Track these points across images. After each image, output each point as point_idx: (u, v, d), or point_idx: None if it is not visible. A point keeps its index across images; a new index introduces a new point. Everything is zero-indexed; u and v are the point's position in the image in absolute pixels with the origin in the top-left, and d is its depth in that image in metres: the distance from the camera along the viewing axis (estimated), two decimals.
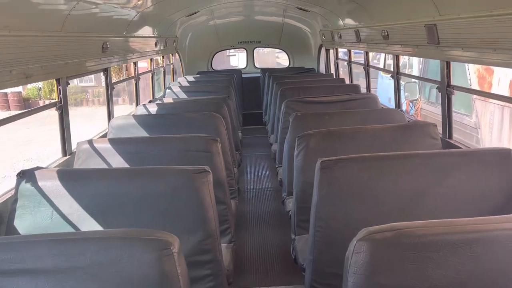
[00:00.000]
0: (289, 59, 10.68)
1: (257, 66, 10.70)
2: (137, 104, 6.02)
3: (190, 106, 5.23)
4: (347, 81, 7.40)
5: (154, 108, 5.13)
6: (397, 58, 4.86)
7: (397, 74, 4.92)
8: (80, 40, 3.71)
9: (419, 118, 8.59)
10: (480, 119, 6.98)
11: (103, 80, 4.93)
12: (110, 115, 4.85)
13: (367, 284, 1.65)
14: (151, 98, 7.34)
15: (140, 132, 4.29)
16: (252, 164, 7.58)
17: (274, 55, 20.82)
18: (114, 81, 5.85)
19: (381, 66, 10.91)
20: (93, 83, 23.63)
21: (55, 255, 1.65)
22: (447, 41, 3.40)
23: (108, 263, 1.64)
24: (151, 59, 7.11)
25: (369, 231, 1.70)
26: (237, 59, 17.70)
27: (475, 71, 7.10)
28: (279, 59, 21.06)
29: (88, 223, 2.55)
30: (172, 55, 9.12)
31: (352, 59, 7.34)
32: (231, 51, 13.91)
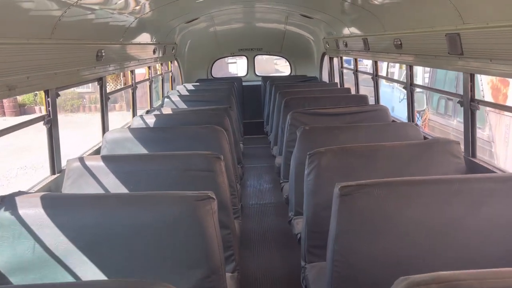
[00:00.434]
0: (290, 67, 10.46)
1: (257, 74, 10.46)
2: (134, 114, 5.70)
3: (190, 117, 4.95)
4: (353, 91, 7.15)
5: (151, 120, 4.84)
6: (410, 68, 4.58)
7: (410, 86, 4.64)
8: (72, 48, 3.40)
9: (426, 129, 8.30)
10: (494, 132, 6.66)
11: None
12: (104, 128, 4.52)
13: None
14: (149, 106, 7.05)
15: (136, 147, 4.00)
16: (254, 177, 7.28)
17: (272, 62, 20.64)
18: (112, 88, 5.61)
19: (383, 75, 10.63)
20: (90, 89, 23.43)
21: None
22: (472, 51, 3.13)
23: None
24: (149, 67, 6.82)
25: (410, 282, 1.41)
26: (236, 67, 17.47)
27: (488, 82, 6.80)
28: (277, 65, 20.89)
29: (75, 258, 2.24)
30: (171, 62, 8.85)
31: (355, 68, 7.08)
32: (231, 58, 13.67)
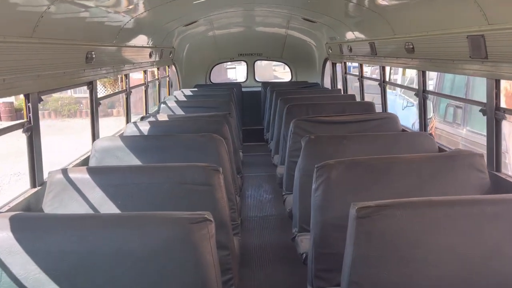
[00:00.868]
0: (291, 72, 10.19)
1: (257, 79, 10.18)
2: (127, 121, 5.38)
3: (188, 124, 4.64)
4: (357, 97, 6.87)
5: (146, 127, 4.52)
6: (423, 74, 4.29)
7: (423, 93, 4.34)
8: (57, 48, 3.08)
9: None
10: (508, 141, 6.33)
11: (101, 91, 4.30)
12: (94, 135, 4.20)
13: None
14: (144, 112, 6.74)
15: (128, 156, 3.68)
16: (254, 186, 6.96)
17: (271, 68, 20.40)
18: (110, 91, 5.32)
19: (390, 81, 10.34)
20: (87, 94, 23.21)
21: None
22: (498, 55, 2.84)
23: None
24: (144, 71, 6.52)
25: None
26: (234, 72, 17.20)
27: (502, 89, 6.46)
28: (276, 72, 20.62)
29: None
30: (168, 67, 8.55)
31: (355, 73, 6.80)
32: (230, 63, 13.40)
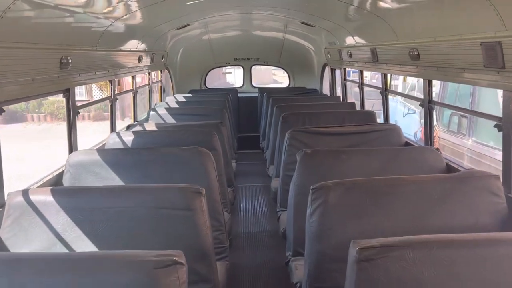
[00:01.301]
0: (289, 78, 9.87)
1: (254, 85, 9.86)
2: (111, 130, 5.04)
3: (176, 135, 4.31)
4: (357, 104, 6.56)
5: (130, 138, 4.20)
6: (429, 83, 3.96)
7: (429, 103, 4.01)
8: (19, 53, 2.76)
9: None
10: None
11: (99, 94, 3.96)
12: (71, 147, 3.87)
13: None
14: (132, 120, 6.40)
15: (106, 172, 3.37)
16: (247, 198, 6.62)
17: (270, 72, 20.13)
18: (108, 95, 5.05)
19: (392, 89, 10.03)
20: (84, 97, 23.15)
21: None
22: None
23: None
24: (133, 77, 6.18)
25: None
26: (233, 76, 16.89)
27: None
28: (276, 75, 20.33)
29: None
30: (161, 71, 8.23)
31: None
32: (228, 68, 13.09)
